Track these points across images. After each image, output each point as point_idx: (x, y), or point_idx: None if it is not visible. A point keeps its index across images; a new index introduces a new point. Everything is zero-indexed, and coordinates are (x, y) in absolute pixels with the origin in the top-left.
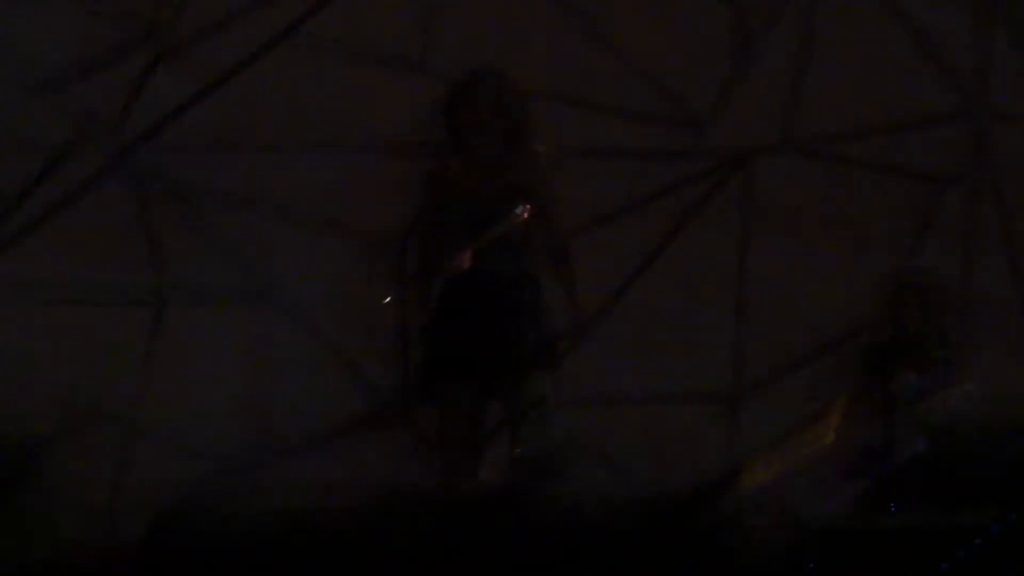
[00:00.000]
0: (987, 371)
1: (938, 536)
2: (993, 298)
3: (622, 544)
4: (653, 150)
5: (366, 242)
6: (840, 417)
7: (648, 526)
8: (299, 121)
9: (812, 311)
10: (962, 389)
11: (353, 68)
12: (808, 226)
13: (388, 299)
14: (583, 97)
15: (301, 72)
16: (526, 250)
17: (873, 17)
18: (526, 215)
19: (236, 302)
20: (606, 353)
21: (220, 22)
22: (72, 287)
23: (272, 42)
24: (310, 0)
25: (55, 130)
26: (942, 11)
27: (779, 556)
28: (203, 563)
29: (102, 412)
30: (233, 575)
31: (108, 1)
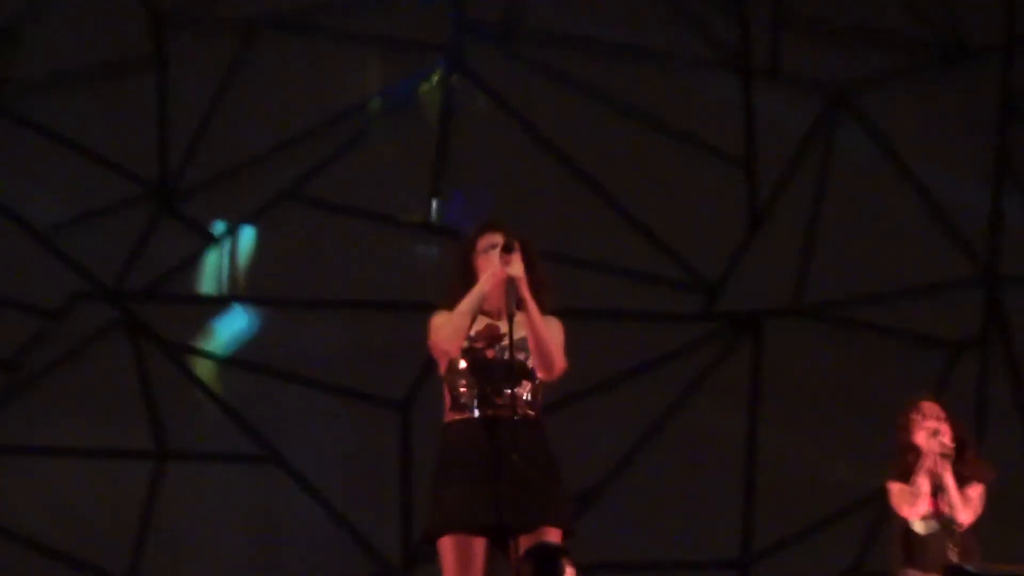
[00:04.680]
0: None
1: None
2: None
3: None
4: (664, 313)
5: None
6: None
7: None
8: (304, 279)
9: (821, 478)
10: None
11: (356, 227)
12: (817, 391)
13: None
14: (594, 259)
15: (306, 230)
16: (533, 400)
17: (885, 183)
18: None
19: (240, 462)
20: (611, 520)
21: (224, 177)
22: (71, 444)
23: (276, 199)
24: (313, 158)
25: (55, 287)
26: (954, 177)
27: None
28: None
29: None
30: None
31: (112, 155)
